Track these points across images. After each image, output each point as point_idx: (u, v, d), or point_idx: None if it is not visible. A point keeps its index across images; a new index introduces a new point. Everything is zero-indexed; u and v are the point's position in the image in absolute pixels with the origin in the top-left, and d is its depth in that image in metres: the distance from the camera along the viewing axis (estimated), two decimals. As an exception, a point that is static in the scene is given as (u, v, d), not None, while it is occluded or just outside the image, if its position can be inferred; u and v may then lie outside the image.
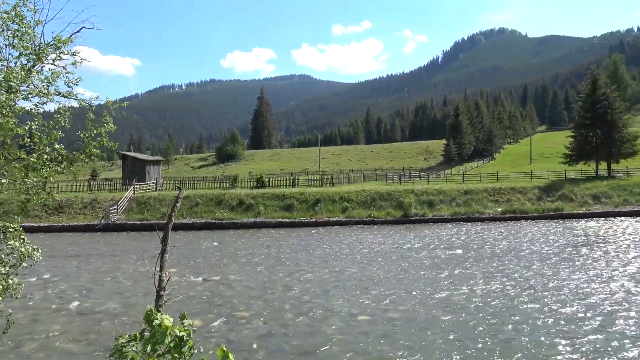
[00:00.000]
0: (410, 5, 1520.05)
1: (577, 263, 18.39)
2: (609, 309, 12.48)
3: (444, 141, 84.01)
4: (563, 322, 11.47)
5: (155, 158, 58.20)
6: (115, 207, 33.77)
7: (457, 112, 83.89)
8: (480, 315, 12.24)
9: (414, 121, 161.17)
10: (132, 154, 55.13)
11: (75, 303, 14.28)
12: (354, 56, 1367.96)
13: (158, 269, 4.07)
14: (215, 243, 25.86)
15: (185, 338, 3.17)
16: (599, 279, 15.79)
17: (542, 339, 10.44)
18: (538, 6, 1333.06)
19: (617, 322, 11.41)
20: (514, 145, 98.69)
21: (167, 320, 3.22)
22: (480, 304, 13.21)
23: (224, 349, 3.18)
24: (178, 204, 4.26)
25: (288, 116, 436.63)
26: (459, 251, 21.50)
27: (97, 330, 11.76)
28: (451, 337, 10.72)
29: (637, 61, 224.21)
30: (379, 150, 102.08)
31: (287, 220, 32.50)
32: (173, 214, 4.17)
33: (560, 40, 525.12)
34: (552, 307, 12.78)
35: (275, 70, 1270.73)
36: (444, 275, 16.78)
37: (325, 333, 11.19)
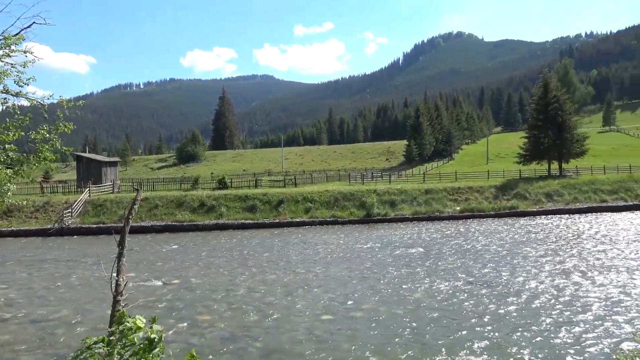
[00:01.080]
0: (371, 7, 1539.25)
1: (531, 259, 19.14)
2: (562, 303, 13.07)
3: (405, 142, 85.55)
4: (521, 317, 11.92)
5: (112, 159, 56.38)
6: (70, 210, 32.47)
7: (418, 113, 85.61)
8: (441, 312, 12.54)
9: (376, 122, 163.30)
10: (87, 154, 53.17)
11: (27, 311, 13.63)
12: (316, 57, 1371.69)
13: (115, 273, 3.95)
14: (176, 246, 25.31)
15: (156, 340, 3.10)
16: (553, 274, 16.50)
17: (502, 334, 10.81)
18: (493, 11, 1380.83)
19: (573, 316, 11.97)
20: (472, 146, 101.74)
21: (140, 320, 3.16)
22: (441, 302, 13.53)
23: (194, 353, 3.12)
24: (135, 206, 4.14)
25: (250, 116, 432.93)
26: (420, 250, 21.95)
27: (51, 339, 11.26)
28: (413, 335, 10.93)
29: (585, 65, 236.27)
30: (342, 150, 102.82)
31: (250, 221, 32.22)
32: (130, 217, 4.05)
33: (515, 45, 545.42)
34: (511, 303, 13.25)
35: (236, 70, 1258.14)
36: (405, 274, 17.09)
37: (289, 334, 11.17)
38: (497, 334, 10.74)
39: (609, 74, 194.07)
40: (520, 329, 10.97)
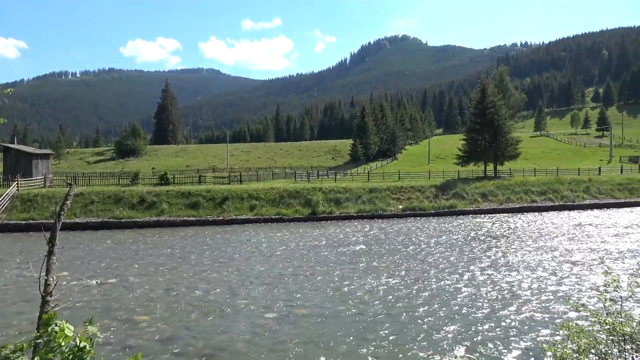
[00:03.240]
0: (320, 6, 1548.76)
1: (467, 255, 20.04)
2: (498, 296, 13.80)
3: (351, 141, 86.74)
4: (457, 310, 12.45)
5: (44, 151, 52.98)
6: (-5, 205, 30.20)
7: (363, 113, 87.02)
8: (383, 307, 12.85)
9: (323, 120, 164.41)
10: (15, 146, 49.63)
11: (-57, 314, 12.55)
12: (264, 53, 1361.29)
13: (44, 272, 3.73)
14: (113, 243, 24.23)
15: (87, 348, 2.90)
16: (487, 269, 17.37)
17: (437, 328, 11.24)
18: (437, 17, 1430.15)
19: (505, 308, 12.66)
20: (415, 147, 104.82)
21: (68, 329, 2.94)
22: (383, 297, 13.87)
23: (139, 358, 2.98)
24: (68, 202, 3.93)
25: (195, 111, 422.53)
26: (364, 247, 22.37)
27: (-30, 344, 10.42)
28: (356, 330, 11.13)
29: (519, 72, 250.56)
30: (289, 148, 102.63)
31: (193, 218, 31.44)
32: (62, 212, 3.84)
33: (456, 50, 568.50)
34: (447, 298, 13.81)
35: (181, 62, 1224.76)
36: (349, 271, 17.35)
37: (232, 332, 11.03)
38: (432, 327, 11.16)
39: (541, 82, 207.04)
40: (460, 321, 11.47)
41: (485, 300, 13.37)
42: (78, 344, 2.87)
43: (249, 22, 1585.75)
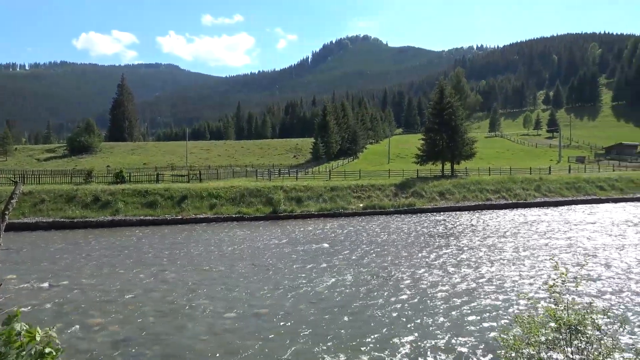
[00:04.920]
0: (282, 3, 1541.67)
1: (424, 252, 20.51)
2: (459, 291, 14.20)
3: (312, 139, 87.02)
4: (416, 305, 12.72)
5: (-11, 148, 50.19)
6: None
7: (325, 112, 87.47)
8: (344, 305, 12.95)
9: (284, 119, 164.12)
10: (-43, 142, 46.79)
11: None
12: (224, 49, 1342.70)
13: (-14, 275, 3.54)
14: (65, 244, 23.25)
15: (53, 354, 2.73)
16: (445, 266, 17.84)
17: (398, 324, 11.44)
18: (398, 18, 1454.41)
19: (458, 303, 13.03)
20: (375, 146, 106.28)
21: (38, 333, 2.77)
22: (344, 294, 13.98)
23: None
24: (13, 201, 3.73)
25: (153, 107, 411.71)
26: (325, 245, 22.46)
27: None
28: (316, 328, 11.16)
29: (475, 75, 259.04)
30: (250, 146, 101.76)
31: (150, 217, 30.60)
32: (7, 212, 3.64)
33: (416, 52, 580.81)
34: (410, 293, 14.08)
35: (138, 57, 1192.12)
36: (310, 269, 17.38)
37: (190, 334, 10.82)
38: (392, 323, 11.36)
39: (495, 84, 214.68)
40: (413, 320, 11.72)
41: (443, 295, 13.72)
42: (43, 349, 2.72)
43: (209, 17, 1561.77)
